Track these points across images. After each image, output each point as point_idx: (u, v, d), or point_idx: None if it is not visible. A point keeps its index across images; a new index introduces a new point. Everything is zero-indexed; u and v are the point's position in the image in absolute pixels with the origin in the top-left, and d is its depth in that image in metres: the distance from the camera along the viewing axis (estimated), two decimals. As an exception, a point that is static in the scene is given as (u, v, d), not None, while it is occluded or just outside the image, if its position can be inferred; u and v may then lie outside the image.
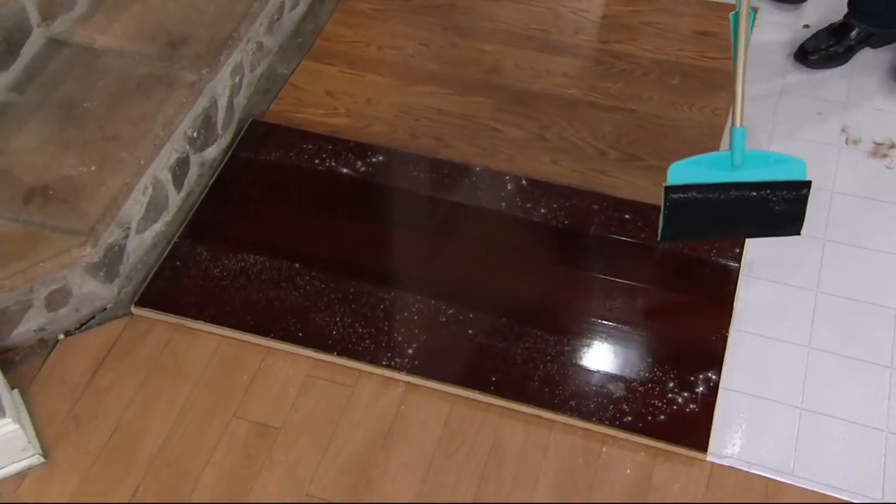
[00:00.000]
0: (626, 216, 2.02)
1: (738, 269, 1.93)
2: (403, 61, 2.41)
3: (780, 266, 1.96)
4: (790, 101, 2.29)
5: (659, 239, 1.82)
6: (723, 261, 1.94)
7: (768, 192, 1.73)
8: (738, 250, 1.96)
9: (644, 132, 2.22)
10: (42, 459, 1.69)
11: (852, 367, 1.80)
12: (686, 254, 1.95)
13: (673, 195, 1.74)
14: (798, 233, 1.81)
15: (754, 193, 1.74)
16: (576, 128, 2.23)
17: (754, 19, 1.74)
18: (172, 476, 1.67)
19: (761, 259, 1.97)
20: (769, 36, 2.44)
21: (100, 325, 1.89)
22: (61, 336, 1.87)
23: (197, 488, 1.65)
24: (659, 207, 1.97)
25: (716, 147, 2.19)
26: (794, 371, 1.80)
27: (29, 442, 1.66)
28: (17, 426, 1.62)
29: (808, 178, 1.73)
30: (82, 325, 1.89)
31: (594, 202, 2.05)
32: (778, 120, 2.24)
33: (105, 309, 1.91)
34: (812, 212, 2.02)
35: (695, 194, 1.73)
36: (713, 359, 1.79)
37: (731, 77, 2.29)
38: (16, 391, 1.77)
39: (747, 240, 1.98)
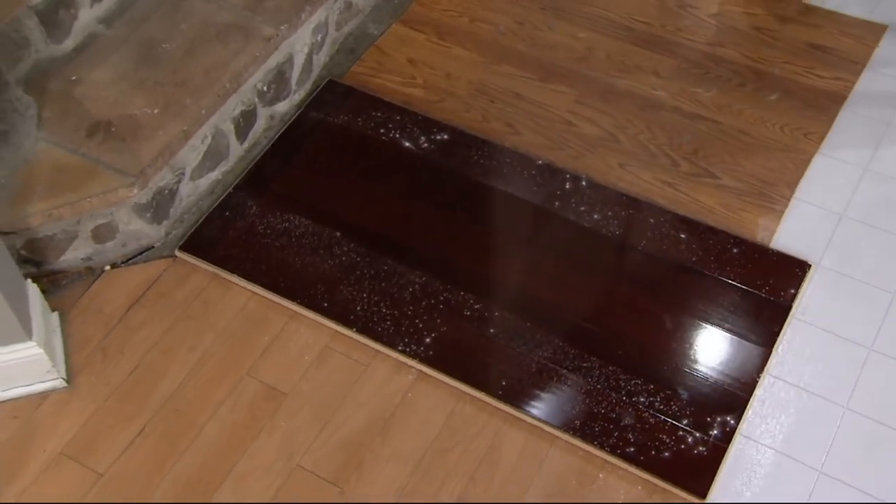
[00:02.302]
0: (682, 235, 1.92)
1: (789, 310, 1.82)
2: (493, 38, 2.35)
3: (837, 315, 1.83)
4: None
5: None
6: (774, 299, 1.83)
7: None
8: (792, 291, 1.84)
9: (724, 147, 2.10)
10: (65, 384, 1.78)
11: (889, 439, 1.68)
12: (736, 286, 1.85)
13: None
14: None
15: None
16: (653, 132, 2.14)
17: None
18: (178, 423, 1.72)
19: (818, 304, 1.85)
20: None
21: (146, 262, 1.96)
22: (107, 267, 1.95)
23: (198, 439, 1.70)
24: (717, 230, 1.89)
25: (798, 176, 2.05)
26: (823, 430, 1.69)
27: (54, 366, 1.75)
28: (40, 350, 1.70)
29: None
30: (129, 259, 1.96)
31: (651, 215, 1.96)
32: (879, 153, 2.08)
33: (153, 247, 1.97)
34: (887, 263, 1.89)
35: None
36: (736, 402, 1.70)
37: (836, 100, 2.16)
38: (55, 314, 1.86)
39: (806, 283, 1.86)
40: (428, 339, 1.79)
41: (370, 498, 1.63)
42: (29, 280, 1.79)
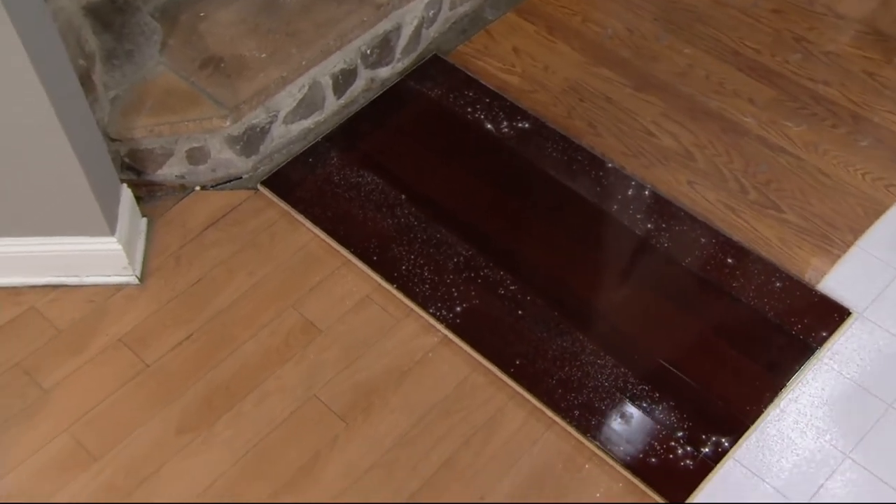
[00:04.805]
0: (729, 260, 1.95)
1: (816, 351, 1.83)
2: (599, 41, 2.42)
3: (866, 366, 1.83)
4: None
5: None
6: (803, 338, 1.84)
7: None
8: (825, 334, 1.85)
9: (798, 184, 2.11)
10: (137, 281, 1.99)
11: (883, 495, 1.67)
12: (768, 318, 1.87)
13: None
14: None
15: None
16: (731, 156, 2.16)
17: None
18: (222, 335, 1.90)
19: (849, 352, 1.84)
20: None
21: (231, 189, 2.15)
22: (197, 188, 2.15)
23: (235, 353, 1.88)
24: (765, 261, 1.91)
25: (867, 225, 2.03)
26: (817, 471, 1.70)
27: (130, 264, 1.96)
28: (120, 247, 1.92)
29: None
30: (217, 184, 2.15)
31: (703, 235, 2.00)
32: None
33: (240, 178, 2.16)
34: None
35: None
36: (735, 426, 1.73)
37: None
38: (145, 219, 2.08)
39: (846, 330, 1.86)
40: (459, 308, 1.90)
41: (369, 438, 1.76)
42: (125, 185, 2.01)
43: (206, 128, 2.01)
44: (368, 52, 2.23)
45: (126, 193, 2.00)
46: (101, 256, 1.93)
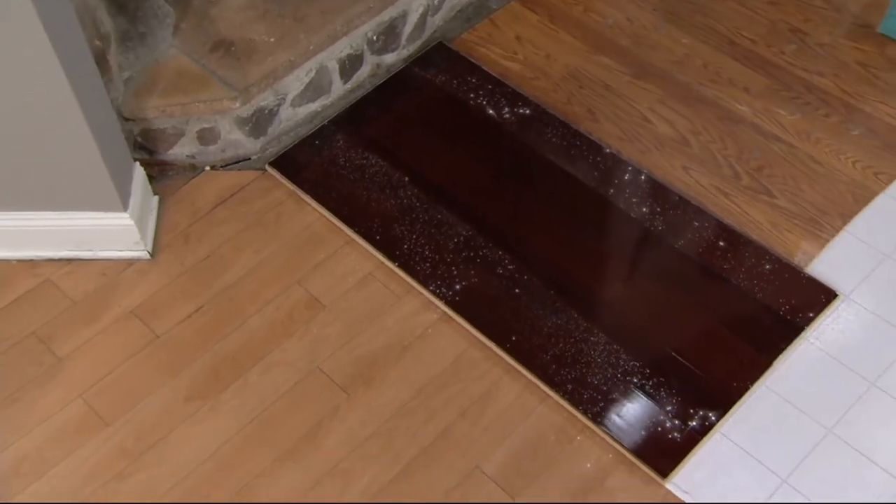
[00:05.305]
0: (721, 243, 2.02)
1: (802, 331, 1.89)
2: (600, 30, 2.48)
3: (850, 346, 1.89)
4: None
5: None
6: (790, 318, 1.91)
7: None
8: (811, 314, 1.91)
9: (790, 170, 2.17)
10: (149, 256, 2.06)
11: (863, 469, 1.74)
12: (757, 298, 1.93)
13: None
14: None
15: None
16: (725, 143, 2.22)
17: None
18: (229, 309, 1.98)
19: (835, 332, 1.91)
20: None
21: (239, 170, 2.22)
22: (207, 168, 2.22)
23: (242, 326, 1.95)
24: (756, 244, 1.97)
25: (855, 210, 2.09)
26: (800, 445, 1.77)
27: (142, 239, 2.03)
28: (132, 223, 1.99)
29: None
30: (226, 164, 2.22)
31: (697, 219, 2.06)
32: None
33: (249, 159, 2.23)
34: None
35: None
36: (722, 402, 1.80)
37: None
38: (156, 197, 2.15)
39: (829, 310, 1.92)
40: (458, 286, 1.96)
41: (370, 408, 1.83)
42: (138, 163, 2.08)
43: (217, 109, 2.08)
44: (375, 38, 2.29)
45: (139, 172, 2.07)
46: (114, 232, 2.00)
